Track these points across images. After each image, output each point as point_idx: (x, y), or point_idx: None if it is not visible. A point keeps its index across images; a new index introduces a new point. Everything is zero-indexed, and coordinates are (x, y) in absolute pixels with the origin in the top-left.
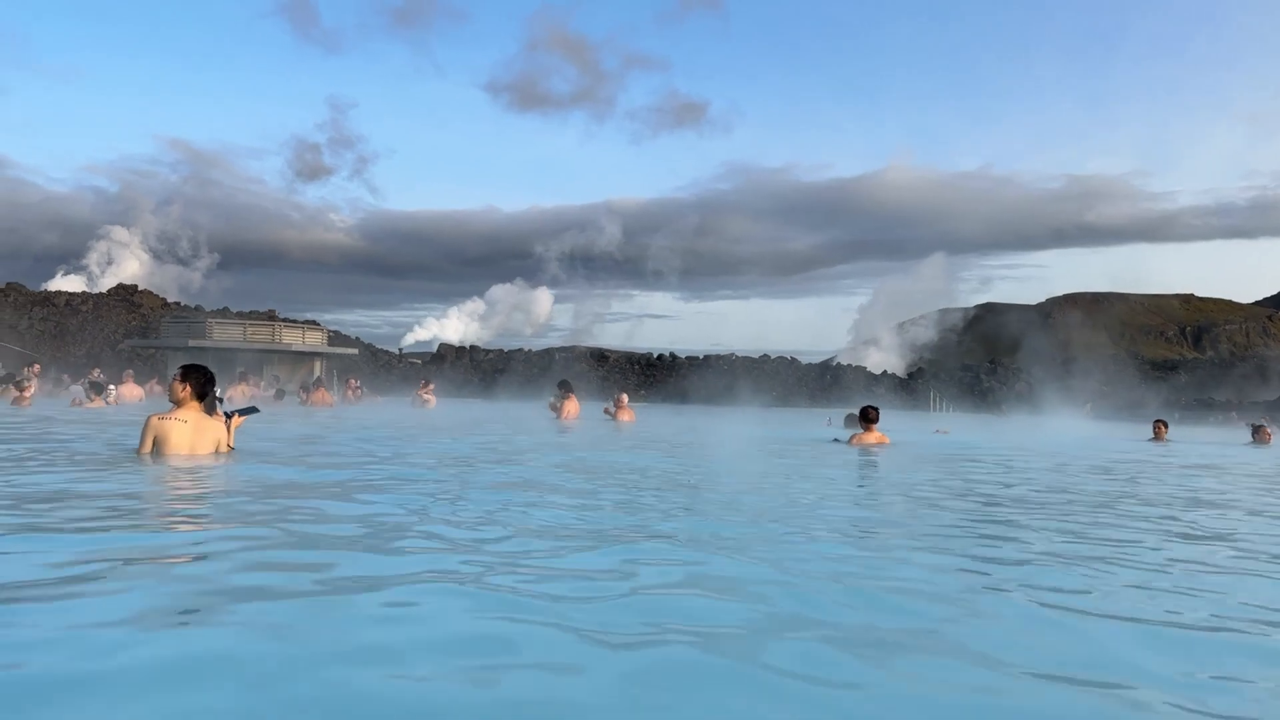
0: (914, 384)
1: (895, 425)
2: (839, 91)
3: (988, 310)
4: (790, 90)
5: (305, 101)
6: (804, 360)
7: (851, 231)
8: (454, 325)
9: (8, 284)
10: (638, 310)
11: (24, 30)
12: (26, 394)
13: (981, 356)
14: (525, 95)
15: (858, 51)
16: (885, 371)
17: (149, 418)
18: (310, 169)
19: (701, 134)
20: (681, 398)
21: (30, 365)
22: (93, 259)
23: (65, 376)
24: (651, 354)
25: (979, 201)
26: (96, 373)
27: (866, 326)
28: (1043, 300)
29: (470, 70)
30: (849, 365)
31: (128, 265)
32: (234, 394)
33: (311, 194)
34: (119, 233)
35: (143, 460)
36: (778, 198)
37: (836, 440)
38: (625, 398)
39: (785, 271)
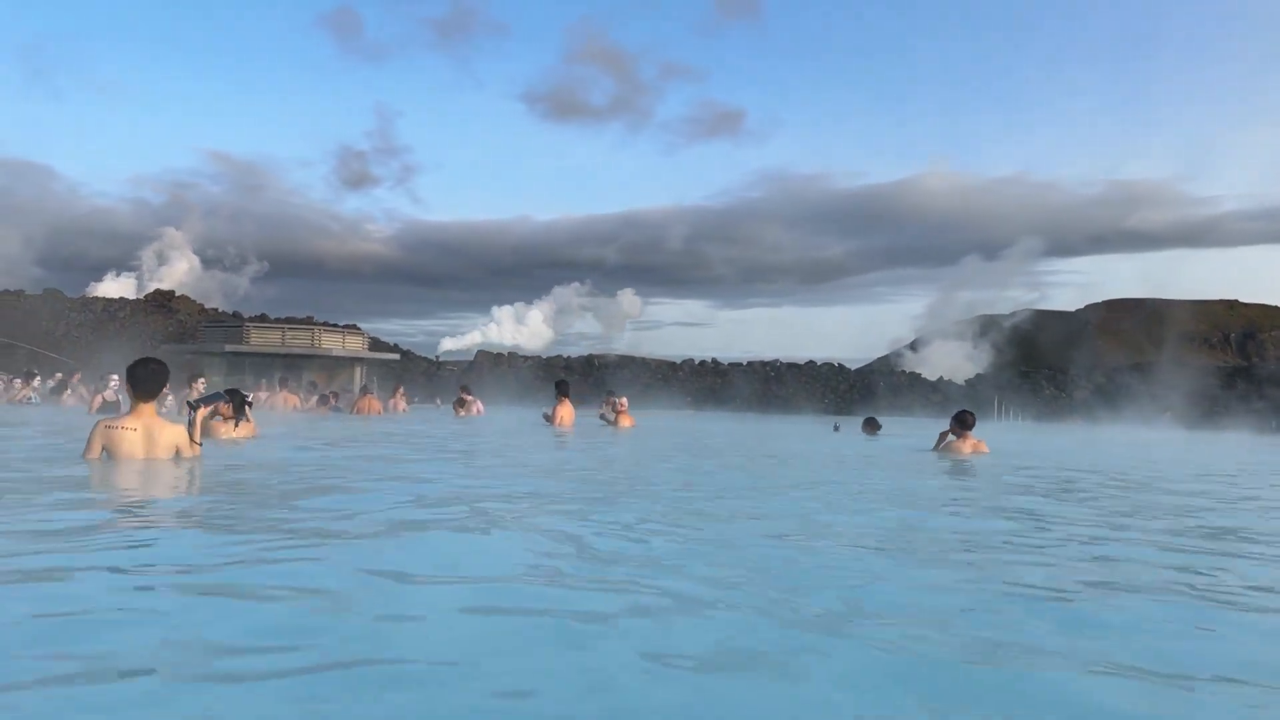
0: (975, 390)
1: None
2: (874, 98)
3: (1027, 317)
4: (825, 98)
5: (347, 113)
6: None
7: (886, 238)
8: (501, 329)
9: (45, 289)
10: (668, 317)
11: (70, 45)
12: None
13: (1023, 363)
14: (562, 105)
15: (893, 58)
16: (941, 378)
17: (97, 423)
18: (356, 177)
19: (737, 143)
20: (726, 404)
21: (72, 373)
22: (145, 259)
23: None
24: (693, 359)
25: (1017, 207)
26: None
27: (924, 330)
28: (1082, 307)
29: (508, 81)
30: (902, 371)
31: (178, 266)
32: (275, 401)
33: (350, 205)
34: (171, 234)
35: (89, 465)
36: (811, 205)
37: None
38: (625, 401)
39: (819, 279)
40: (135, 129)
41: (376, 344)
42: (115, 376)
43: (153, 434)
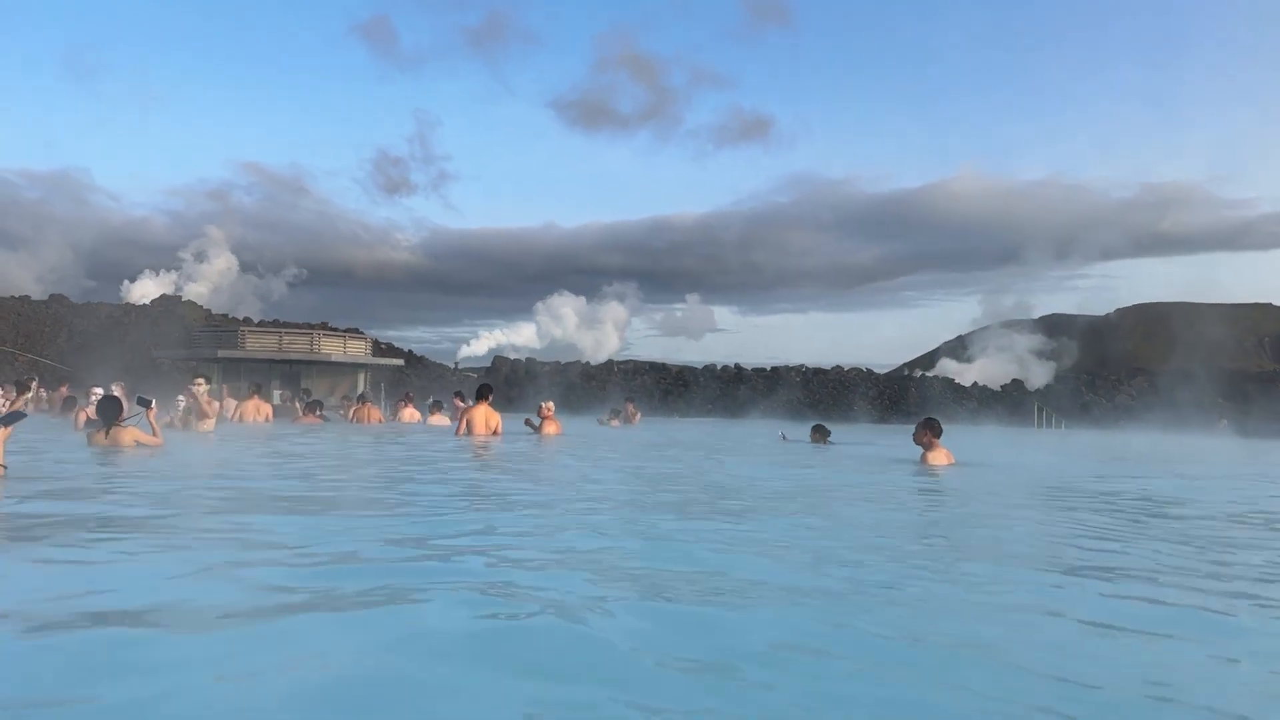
0: (1012, 397)
1: (995, 442)
2: (904, 102)
3: (1056, 321)
4: (854, 102)
5: (381, 122)
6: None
7: (916, 243)
8: (520, 335)
9: (51, 295)
10: (677, 322)
11: (108, 55)
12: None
13: (1059, 369)
14: (591, 113)
15: (923, 62)
16: (975, 383)
17: None
18: (393, 184)
19: (767, 149)
20: (748, 411)
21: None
22: (186, 257)
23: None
24: (714, 365)
25: (1048, 210)
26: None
27: (957, 335)
28: (1111, 311)
29: (539, 89)
30: (934, 377)
31: (217, 263)
32: (244, 411)
33: (381, 213)
34: (212, 232)
35: None
36: (839, 210)
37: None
38: (551, 406)
39: (846, 284)
40: (170, 140)
41: (388, 349)
42: (99, 389)
43: None
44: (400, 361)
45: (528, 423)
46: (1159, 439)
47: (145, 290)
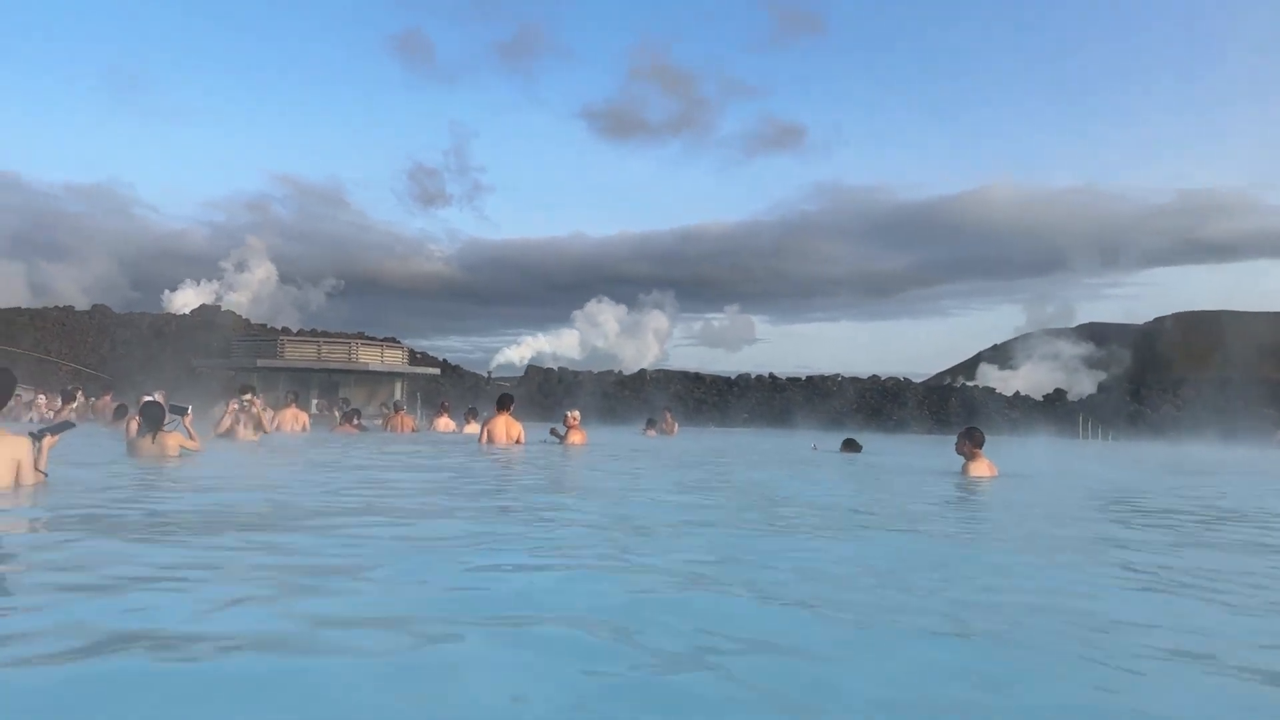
0: (1055, 406)
1: (1039, 453)
2: (937, 110)
3: (1096, 330)
4: (887, 111)
5: (417, 134)
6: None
7: (950, 251)
8: (562, 343)
9: (94, 305)
10: (717, 333)
11: (149, 69)
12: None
13: (1100, 376)
14: (622, 124)
15: (956, 70)
16: (1018, 393)
17: None
18: (429, 195)
19: (798, 157)
20: (785, 421)
21: (106, 390)
22: (229, 264)
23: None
24: (748, 374)
25: (1082, 219)
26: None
27: (995, 344)
28: (1150, 320)
29: (570, 101)
30: (975, 386)
31: (257, 273)
32: (282, 420)
33: (415, 225)
34: (252, 242)
35: None
36: (871, 218)
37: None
38: (577, 416)
39: (879, 293)
40: (209, 153)
41: (423, 358)
42: (149, 397)
43: None
44: (436, 370)
45: (553, 432)
46: (1212, 450)
47: (186, 300)
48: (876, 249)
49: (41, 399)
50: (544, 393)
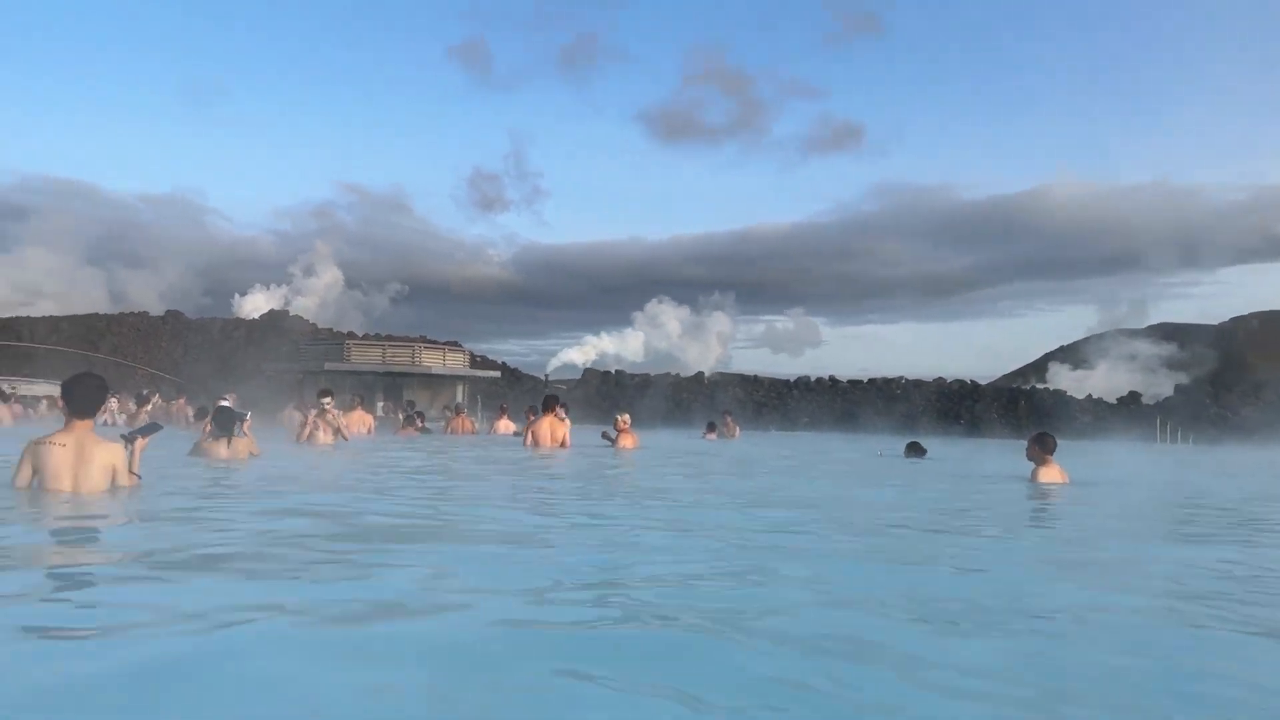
0: (1130, 409)
1: (1115, 458)
2: (999, 106)
3: (1170, 330)
4: (948, 109)
5: (477, 141)
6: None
7: (1013, 251)
8: (625, 345)
9: (168, 311)
10: (773, 335)
11: (219, 84)
12: (143, 412)
13: (1178, 378)
14: (678, 126)
15: (1018, 65)
16: (1090, 395)
17: (29, 441)
18: (487, 201)
19: (857, 157)
20: (848, 424)
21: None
22: (297, 269)
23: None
24: (807, 377)
25: (1154, 216)
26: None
27: (1064, 346)
28: (1226, 320)
29: (626, 105)
30: (1046, 389)
31: (324, 277)
32: (350, 420)
33: (474, 231)
34: (319, 247)
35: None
36: (932, 217)
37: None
38: (627, 419)
39: (939, 294)
40: (277, 162)
41: (483, 361)
42: (228, 397)
43: (85, 450)
44: (497, 374)
45: (605, 435)
46: None
47: (256, 305)
48: (937, 249)
49: (114, 402)
50: (601, 395)
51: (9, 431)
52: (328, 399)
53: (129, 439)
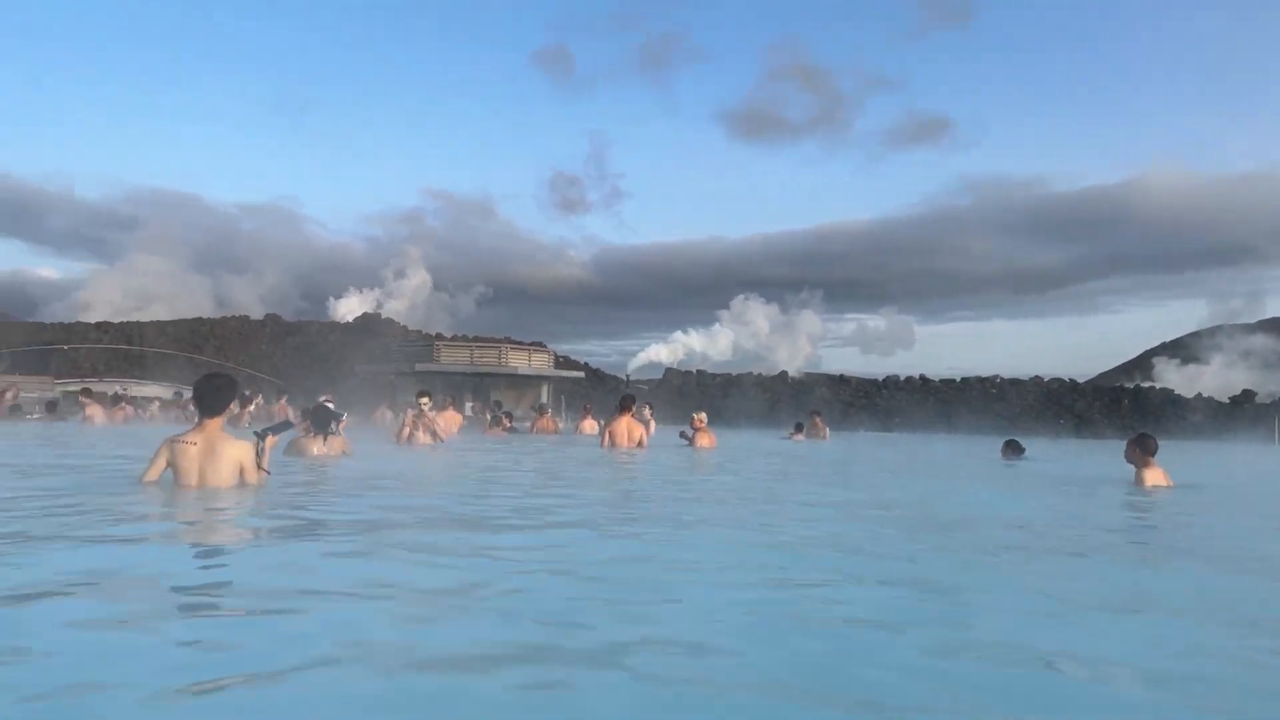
0: (1244, 409)
1: (1226, 461)
2: (1093, 95)
3: (1270, 327)
4: (1038, 99)
5: (559, 144)
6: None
7: (1109, 244)
8: (710, 343)
9: (266, 314)
10: (861, 334)
11: (313, 94)
12: (245, 412)
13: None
14: (759, 124)
15: (1113, 51)
16: (1199, 394)
17: (166, 439)
18: (569, 204)
19: (943, 151)
20: (940, 425)
21: (280, 394)
22: (389, 272)
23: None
24: (897, 376)
25: (1264, 206)
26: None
27: (1165, 342)
28: None
29: (706, 104)
30: (1151, 387)
31: (414, 280)
32: (443, 420)
33: (554, 232)
34: (409, 251)
35: (141, 487)
36: (1023, 211)
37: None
38: (703, 418)
39: (1031, 289)
40: (367, 169)
41: (565, 362)
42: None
43: (214, 448)
44: (581, 374)
45: (682, 435)
46: None
47: (350, 308)
48: (1029, 243)
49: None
50: (683, 395)
51: (122, 432)
52: (425, 400)
53: (261, 436)
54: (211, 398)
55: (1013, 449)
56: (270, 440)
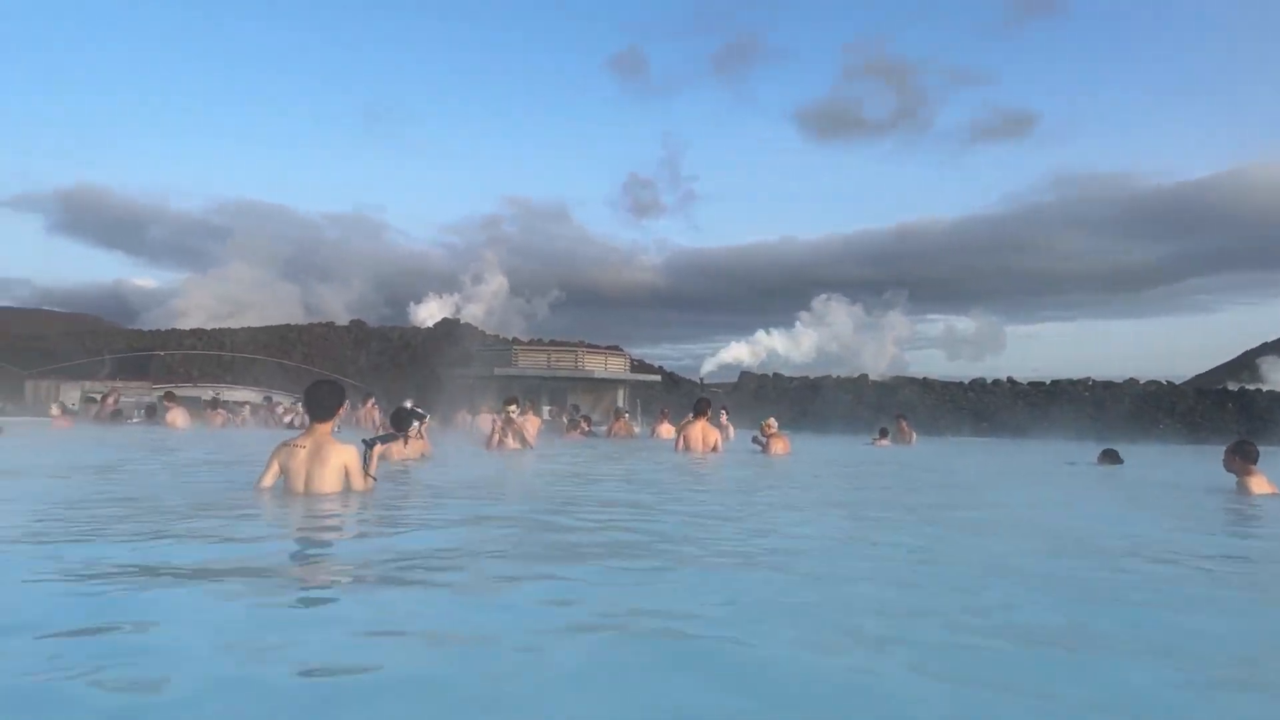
0: None
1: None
2: (1182, 87)
3: None
4: (1129, 92)
5: (634, 148)
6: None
7: (1205, 240)
8: (792, 345)
9: (351, 320)
10: (947, 336)
11: (395, 107)
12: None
13: None
14: (837, 123)
15: (1206, 42)
16: None
17: (278, 444)
18: (643, 207)
19: (1029, 146)
20: (1030, 430)
21: (366, 398)
22: (467, 277)
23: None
24: (983, 379)
25: None
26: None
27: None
28: None
29: (783, 104)
30: (1257, 390)
31: (491, 284)
32: (524, 422)
33: (626, 236)
34: (486, 256)
35: (256, 494)
36: (1114, 207)
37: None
38: (773, 423)
39: (1122, 288)
40: (446, 180)
41: (640, 366)
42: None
43: (321, 452)
44: (658, 377)
45: (755, 440)
46: None
47: (430, 313)
48: (1120, 240)
49: (281, 405)
50: (759, 398)
51: (218, 435)
52: (513, 406)
53: (369, 444)
54: (318, 402)
55: (1109, 457)
56: (378, 449)
